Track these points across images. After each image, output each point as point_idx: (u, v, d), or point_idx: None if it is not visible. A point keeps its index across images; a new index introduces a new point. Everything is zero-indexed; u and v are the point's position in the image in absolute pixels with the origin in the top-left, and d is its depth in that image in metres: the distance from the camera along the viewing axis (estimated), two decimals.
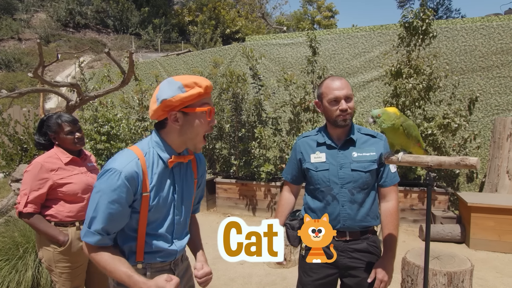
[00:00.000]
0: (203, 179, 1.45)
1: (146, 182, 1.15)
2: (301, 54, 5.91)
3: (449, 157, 1.09)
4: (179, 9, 26.03)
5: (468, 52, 5.11)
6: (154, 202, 1.17)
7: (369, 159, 1.56)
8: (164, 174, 1.21)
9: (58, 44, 20.72)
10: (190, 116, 1.17)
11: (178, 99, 1.12)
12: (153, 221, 1.20)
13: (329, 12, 25.70)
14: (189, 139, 1.20)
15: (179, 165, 1.28)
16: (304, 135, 1.73)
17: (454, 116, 4.67)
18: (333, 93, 1.52)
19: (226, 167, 6.07)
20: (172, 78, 1.18)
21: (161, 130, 1.22)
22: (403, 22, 4.68)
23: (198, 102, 1.16)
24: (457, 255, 2.54)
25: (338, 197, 1.56)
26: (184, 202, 1.29)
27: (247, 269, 3.54)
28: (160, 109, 1.15)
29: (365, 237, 1.59)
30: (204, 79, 1.18)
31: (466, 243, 4.08)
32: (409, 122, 1.30)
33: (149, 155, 1.19)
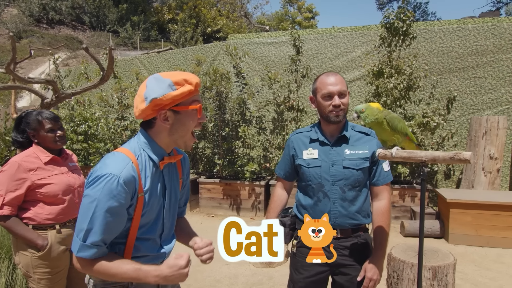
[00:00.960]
0: (187, 180, 1.40)
1: (140, 184, 1.09)
2: (284, 53, 5.92)
3: (443, 152, 1.10)
4: (159, 7, 25.58)
5: (445, 53, 5.28)
6: (147, 205, 1.12)
7: (361, 156, 1.55)
8: (155, 176, 1.16)
9: (30, 40, 19.85)
10: (181, 114, 1.12)
11: (169, 98, 1.07)
12: (144, 225, 1.15)
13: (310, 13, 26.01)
14: (179, 137, 1.15)
15: (168, 166, 1.23)
16: (298, 131, 1.72)
17: (433, 115, 4.82)
18: (326, 88, 1.52)
19: (209, 167, 5.99)
20: (159, 75, 1.12)
21: (149, 129, 1.16)
22: (385, 23, 4.78)
23: (189, 100, 1.12)
24: (440, 249, 2.60)
25: (329, 194, 1.56)
26: (172, 204, 1.25)
27: (233, 269, 3.50)
28: (149, 109, 1.09)
29: (356, 234, 1.59)
30: (193, 75, 1.13)
31: (445, 238, 4.21)
32: (393, 115, 1.31)
33: (141, 157, 1.13)
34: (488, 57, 5.12)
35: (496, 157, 4.64)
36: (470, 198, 4.03)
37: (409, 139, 1.25)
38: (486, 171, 4.67)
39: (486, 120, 4.69)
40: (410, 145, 1.29)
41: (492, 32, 5.10)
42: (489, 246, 3.96)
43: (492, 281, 3.17)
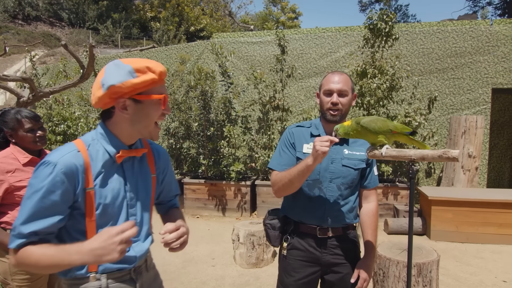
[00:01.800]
0: (167, 174, 1.31)
1: (89, 177, 1.01)
2: (270, 53, 5.91)
3: (432, 150, 1.11)
4: (141, 4, 25.08)
5: (426, 55, 5.41)
6: (101, 200, 1.04)
7: (359, 157, 1.57)
8: (111, 169, 1.07)
9: (5, 37, 19.03)
10: (142, 104, 1.04)
11: (129, 85, 0.99)
12: (103, 223, 1.06)
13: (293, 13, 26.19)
14: (143, 127, 1.08)
15: (131, 160, 1.14)
16: (298, 124, 1.70)
17: (414, 115, 4.93)
18: (328, 85, 1.54)
19: (194, 167, 5.91)
20: (120, 61, 1.03)
21: (107, 120, 1.08)
22: (368, 24, 4.85)
23: (152, 89, 1.04)
24: (424, 246, 2.65)
25: (325, 191, 1.55)
26: (140, 200, 1.15)
27: (220, 270, 3.46)
28: (106, 96, 1.01)
29: (347, 233, 1.60)
30: (157, 63, 1.05)
31: (427, 235, 4.31)
32: (366, 118, 1.29)
33: (93, 147, 1.05)
34: (466, 58, 5.29)
35: (474, 155, 4.80)
36: (451, 196, 4.14)
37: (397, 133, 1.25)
38: (465, 169, 4.82)
39: (465, 120, 4.83)
40: (402, 138, 1.29)
41: (470, 34, 5.26)
42: (469, 242, 4.08)
43: (473, 276, 3.27)
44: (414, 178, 1.17)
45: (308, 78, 5.84)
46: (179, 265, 3.59)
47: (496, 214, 4.01)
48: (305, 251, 1.58)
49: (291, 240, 1.61)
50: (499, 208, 3.99)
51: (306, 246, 1.57)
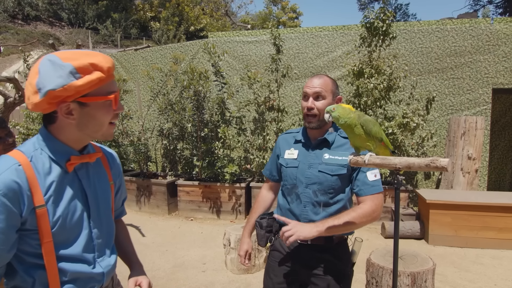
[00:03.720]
0: (120, 179, 1.20)
1: (37, 193, 0.88)
2: (265, 52, 5.81)
3: (419, 158, 1.00)
4: (141, 4, 25.02)
5: (425, 54, 5.29)
6: (56, 217, 0.91)
7: (339, 163, 1.47)
8: (64, 180, 0.95)
9: (4, 36, 19.01)
10: (89, 107, 0.92)
11: (71, 89, 0.86)
12: (63, 242, 0.94)
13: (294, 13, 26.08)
14: (93, 132, 0.96)
15: (85, 167, 1.02)
16: (287, 131, 1.71)
17: (412, 116, 4.81)
18: (304, 89, 1.49)
19: (188, 169, 5.81)
20: (57, 57, 0.88)
21: (50, 125, 0.95)
22: (365, 23, 4.73)
23: (99, 89, 0.91)
24: (419, 254, 2.54)
25: (301, 196, 1.50)
26: (102, 210, 1.04)
27: (210, 276, 3.36)
28: (44, 102, 0.88)
29: (329, 245, 1.49)
30: (104, 57, 0.91)
31: (425, 239, 4.19)
32: (367, 117, 1.21)
33: (37, 158, 0.91)
34: (466, 58, 5.16)
35: (474, 157, 4.67)
36: (449, 199, 4.02)
37: (384, 145, 1.15)
38: (464, 172, 4.69)
39: (464, 121, 4.71)
40: (385, 152, 1.19)
41: (470, 33, 5.14)
42: (468, 246, 3.96)
43: (471, 284, 3.15)
44: (399, 188, 1.07)
45: (305, 78, 5.73)
46: (168, 270, 3.49)
47: (496, 218, 3.89)
48: (284, 254, 1.55)
49: (274, 241, 1.58)
50: (500, 212, 3.87)
51: (286, 248, 1.53)
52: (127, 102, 6.63)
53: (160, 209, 5.45)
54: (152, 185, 5.48)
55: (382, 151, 1.18)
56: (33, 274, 0.90)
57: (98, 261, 1.02)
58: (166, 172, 6.18)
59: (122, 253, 1.21)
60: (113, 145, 5.90)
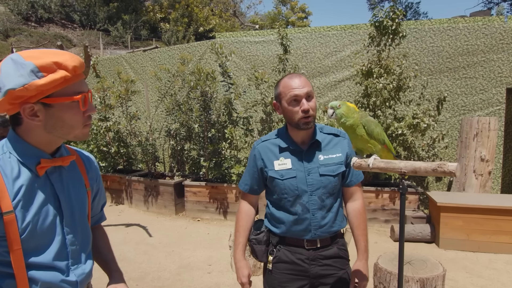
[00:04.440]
0: (99, 184, 1.15)
1: (5, 198, 0.84)
2: (273, 52, 5.77)
3: (425, 162, 0.95)
4: (151, 6, 25.25)
5: (436, 53, 5.17)
6: (25, 223, 0.86)
7: (336, 161, 1.43)
8: (34, 185, 0.90)
9: (18, 38, 19.41)
10: (54, 108, 0.87)
11: (33, 89, 0.82)
12: (33, 249, 0.89)
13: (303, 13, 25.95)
14: (63, 134, 0.91)
15: (58, 170, 0.97)
16: (263, 139, 1.55)
17: (423, 116, 4.70)
18: (292, 92, 1.36)
19: (195, 169, 5.81)
20: (20, 55, 0.84)
21: (17, 127, 0.90)
22: (374, 22, 4.65)
23: (65, 89, 0.86)
24: (429, 259, 2.47)
25: (308, 205, 1.43)
26: (77, 216, 0.99)
27: (215, 278, 3.34)
28: (5, 102, 0.83)
29: (335, 242, 1.50)
30: (70, 56, 0.87)
31: (436, 243, 4.09)
32: (369, 118, 1.17)
33: (5, 162, 0.87)
34: (479, 57, 5.03)
35: (487, 159, 4.54)
36: (461, 202, 3.91)
37: (387, 148, 1.10)
38: (477, 174, 4.57)
39: (477, 122, 4.59)
40: (388, 156, 1.14)
41: (483, 31, 5.00)
42: (481, 251, 3.84)
43: None
44: (405, 193, 1.02)
45: (313, 78, 5.67)
46: (174, 271, 3.48)
47: (510, 222, 3.77)
48: (292, 264, 1.47)
49: (277, 252, 1.50)
50: None
51: (293, 258, 1.47)
52: (136, 103, 6.67)
53: (167, 209, 5.47)
54: (159, 185, 5.49)
55: (385, 154, 1.14)
56: (1, 284, 0.87)
57: (72, 269, 0.97)
58: (173, 172, 6.20)
59: (101, 261, 1.17)
60: (122, 145, 5.95)
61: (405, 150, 5.12)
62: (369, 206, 4.67)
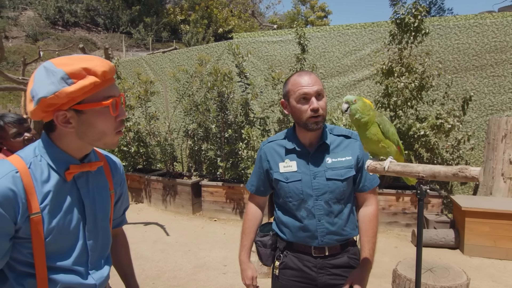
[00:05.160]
0: (122, 188, 1.16)
1: (33, 201, 0.85)
2: (290, 52, 5.71)
3: (445, 166, 0.89)
4: (171, 8, 25.71)
5: (461, 51, 4.95)
6: (52, 226, 0.88)
7: (345, 164, 1.35)
8: (62, 189, 0.91)
9: (46, 42, 20.26)
10: (86, 114, 0.87)
11: (63, 96, 0.82)
12: (56, 252, 0.91)
13: (323, 12, 25.64)
14: (94, 140, 0.92)
15: (85, 175, 0.98)
16: (270, 139, 1.51)
17: (447, 117, 4.51)
18: (301, 90, 1.30)
19: (212, 169, 5.84)
20: (52, 63, 0.85)
21: (51, 132, 0.92)
22: (395, 19, 4.51)
23: (96, 94, 0.87)
24: (451, 267, 2.35)
25: (313, 210, 1.37)
26: (99, 221, 1.01)
27: (230, 279, 3.33)
28: (39, 110, 0.85)
29: (346, 250, 1.41)
30: (99, 61, 0.87)
31: (460, 249, 3.91)
32: (384, 117, 1.10)
33: (36, 165, 0.88)
34: (508, 54, 4.77)
35: None
36: (488, 207, 3.72)
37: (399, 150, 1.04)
38: (505, 177, 4.33)
39: (505, 122, 4.35)
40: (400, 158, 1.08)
41: None
42: (509, 258, 3.64)
43: None
44: (423, 199, 0.96)
45: (331, 78, 5.57)
46: (189, 271, 3.50)
47: None
48: (300, 271, 1.42)
49: (284, 258, 1.45)
50: None
51: (300, 265, 1.41)
52: (155, 103, 6.79)
53: (184, 209, 5.52)
54: (177, 185, 5.56)
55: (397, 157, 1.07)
56: (23, 283, 0.88)
57: (91, 272, 0.98)
58: (191, 172, 6.26)
59: (121, 273, 1.19)
60: (141, 145, 6.06)
61: (428, 152, 4.93)
62: (390, 210, 4.53)
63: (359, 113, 1.08)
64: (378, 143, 1.03)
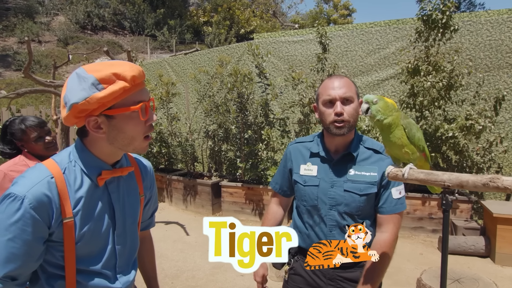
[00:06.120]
0: (152, 191, 1.17)
1: (67, 206, 0.87)
2: (311, 52, 5.62)
3: (474, 175, 0.81)
4: (194, 10, 26.10)
5: (494, 48, 4.68)
6: (83, 230, 0.90)
7: (367, 180, 1.28)
8: (94, 194, 0.93)
9: (76, 46, 21.13)
10: (116, 119, 0.88)
11: (94, 102, 0.83)
12: (85, 256, 0.93)
13: (346, 10, 25.15)
14: (123, 145, 0.93)
15: (116, 180, 1.00)
16: (298, 140, 1.48)
17: (478, 117, 4.27)
18: (327, 93, 1.26)
19: (232, 170, 5.85)
20: (83, 69, 0.87)
21: (84, 138, 0.94)
22: (421, 15, 4.32)
23: (126, 99, 0.87)
24: (481, 278, 2.21)
25: (325, 219, 1.31)
26: (128, 226, 1.02)
27: (248, 281, 3.30)
28: (71, 116, 0.87)
29: (359, 265, 1.33)
30: (129, 66, 0.87)
31: (491, 258, 3.69)
32: (410, 120, 1.02)
33: (70, 170, 0.91)
34: None
35: None
36: None
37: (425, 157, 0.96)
38: None
39: None
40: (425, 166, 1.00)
41: None
42: None
43: None
44: (449, 210, 0.88)
45: (353, 77, 5.43)
46: (208, 271, 3.51)
47: None
48: (309, 279, 1.38)
49: (294, 263, 1.42)
50: None
51: (310, 273, 1.37)
52: (177, 104, 6.89)
53: (204, 209, 5.56)
54: (197, 185, 5.61)
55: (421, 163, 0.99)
56: (53, 284, 0.91)
57: (118, 277, 1.00)
58: (211, 172, 6.30)
59: (144, 276, 1.22)
60: (163, 146, 6.17)
61: (456, 154, 4.70)
62: (415, 214, 4.35)
63: (381, 114, 1.00)
64: (401, 147, 0.96)
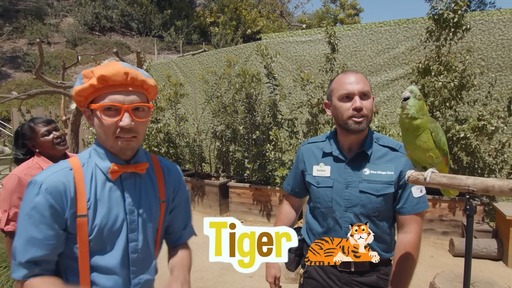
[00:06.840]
0: (179, 198, 1.12)
1: (81, 199, 0.91)
2: (320, 52, 5.58)
3: (500, 180, 0.78)
4: (201, 11, 26.19)
5: (506, 47, 4.59)
6: (96, 224, 0.92)
7: (384, 179, 1.23)
8: (107, 188, 0.95)
9: (84, 47, 21.35)
10: (94, 114, 0.95)
11: (75, 93, 0.94)
12: (98, 250, 0.94)
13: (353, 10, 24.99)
14: (102, 141, 0.97)
15: (133, 177, 1.00)
16: (310, 141, 1.44)
17: (490, 118, 4.19)
18: (345, 88, 1.22)
19: (240, 171, 5.84)
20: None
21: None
22: (432, 14, 4.26)
23: (102, 97, 0.92)
24: (496, 282, 2.16)
25: (340, 221, 1.27)
26: (143, 223, 1.01)
27: (256, 283, 3.29)
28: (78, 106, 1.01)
29: (376, 269, 1.29)
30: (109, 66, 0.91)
31: (503, 261, 3.62)
32: (437, 124, 0.98)
33: (88, 165, 0.96)
34: None
35: None
36: None
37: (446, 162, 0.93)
38: None
39: None
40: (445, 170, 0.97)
41: None
42: None
43: None
44: (473, 216, 0.86)
45: None
46: (216, 272, 3.50)
47: None
48: (324, 283, 1.34)
49: (309, 267, 1.38)
50: None
51: (325, 277, 1.34)
52: (184, 105, 6.90)
53: (212, 210, 5.56)
54: (205, 185, 5.61)
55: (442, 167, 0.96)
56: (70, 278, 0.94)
57: (132, 277, 0.99)
58: (219, 173, 6.30)
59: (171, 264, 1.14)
60: (171, 146, 6.19)
61: (468, 156, 4.62)
62: (425, 216, 4.29)
63: (415, 110, 0.94)
64: (426, 151, 0.92)
